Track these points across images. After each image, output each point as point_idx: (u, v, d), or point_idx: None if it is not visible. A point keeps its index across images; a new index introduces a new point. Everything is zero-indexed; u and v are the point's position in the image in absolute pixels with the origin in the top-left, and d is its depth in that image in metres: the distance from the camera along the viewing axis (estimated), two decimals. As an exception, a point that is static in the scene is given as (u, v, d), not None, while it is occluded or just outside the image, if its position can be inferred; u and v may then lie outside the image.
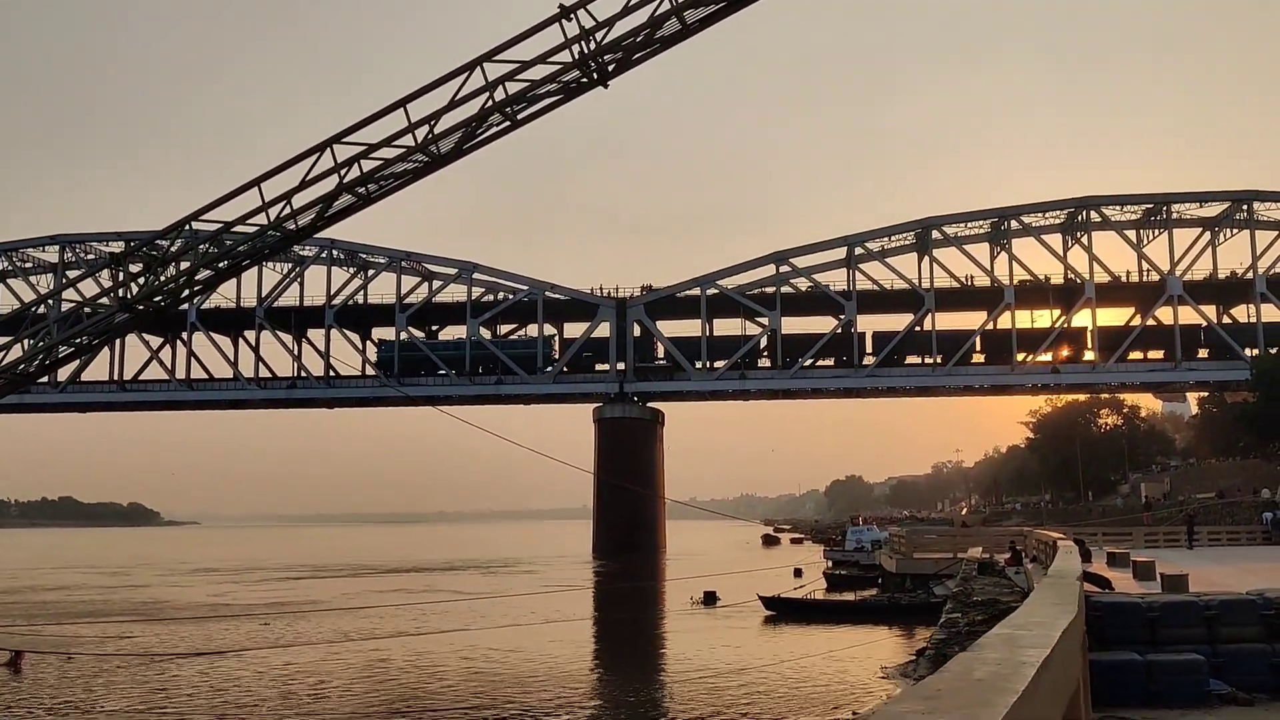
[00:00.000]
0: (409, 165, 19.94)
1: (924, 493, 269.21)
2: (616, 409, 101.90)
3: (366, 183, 19.86)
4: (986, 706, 2.01)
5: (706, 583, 50.43)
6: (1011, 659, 2.75)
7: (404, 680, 28.55)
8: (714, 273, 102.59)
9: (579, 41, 18.59)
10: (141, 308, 20.04)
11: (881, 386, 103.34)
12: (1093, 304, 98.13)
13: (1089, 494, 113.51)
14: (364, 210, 20.49)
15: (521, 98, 19.40)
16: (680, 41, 18.79)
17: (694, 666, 31.04)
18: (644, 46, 18.61)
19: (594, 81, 18.99)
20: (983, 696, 2.12)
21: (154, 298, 19.91)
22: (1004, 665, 2.62)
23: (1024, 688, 2.33)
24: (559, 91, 19.46)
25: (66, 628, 39.17)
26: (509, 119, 19.77)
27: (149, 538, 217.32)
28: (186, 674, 29.38)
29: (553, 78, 19.24)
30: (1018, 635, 3.55)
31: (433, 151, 19.62)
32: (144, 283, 20.01)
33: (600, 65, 18.79)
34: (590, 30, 18.56)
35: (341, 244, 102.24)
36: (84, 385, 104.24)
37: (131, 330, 27.93)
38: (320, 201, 19.85)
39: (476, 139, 19.89)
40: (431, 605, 49.53)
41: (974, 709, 1.97)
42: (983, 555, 40.21)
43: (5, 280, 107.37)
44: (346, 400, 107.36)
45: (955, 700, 2.05)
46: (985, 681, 2.33)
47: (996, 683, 2.31)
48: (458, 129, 19.73)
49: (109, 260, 21.42)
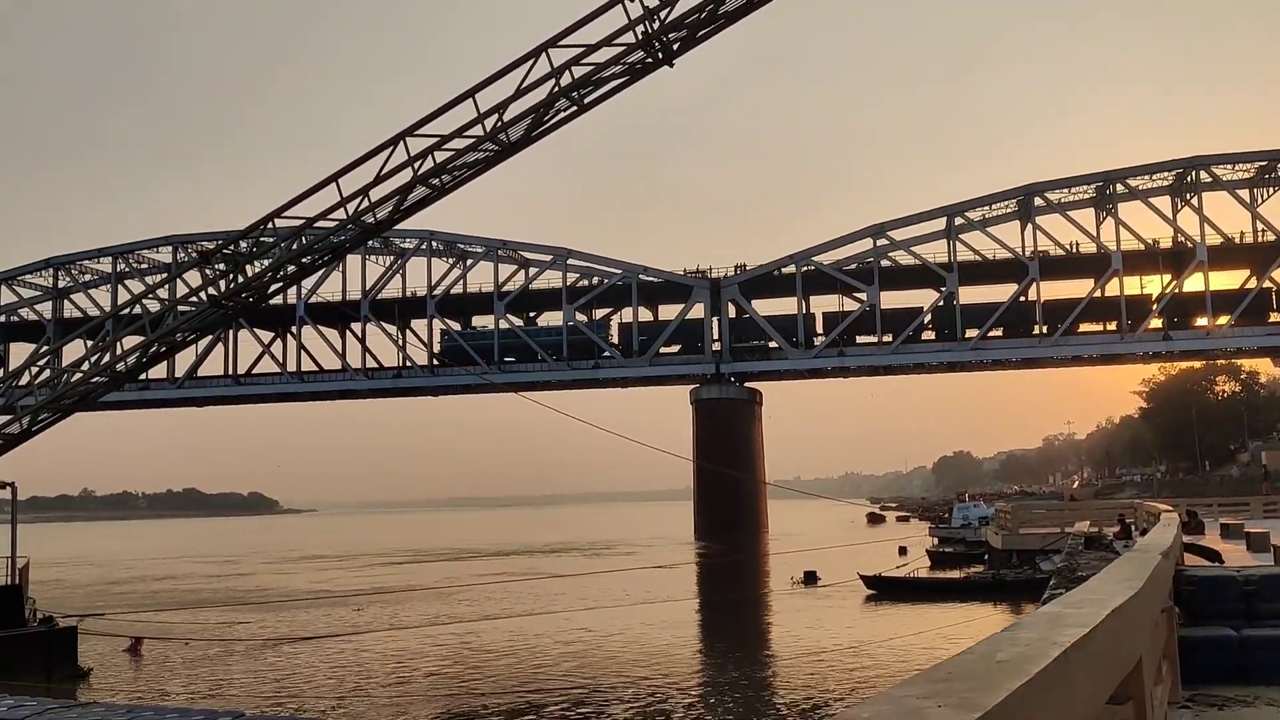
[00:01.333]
0: (480, 154, 20.19)
1: (1034, 467, 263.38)
2: (713, 390, 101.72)
3: (440, 174, 20.18)
4: (990, 690, 1.93)
5: (808, 561, 50.15)
6: (1044, 639, 2.65)
7: (502, 662, 29.01)
8: (809, 249, 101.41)
9: (642, 22, 18.55)
10: (231, 303, 20.74)
11: (986, 360, 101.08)
12: (1205, 267, 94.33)
13: (1206, 464, 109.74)
14: (442, 200, 20.87)
15: (587, 81, 19.45)
16: (744, 16, 18.62)
17: (793, 646, 30.97)
18: (708, 23, 18.50)
19: (659, 61, 18.94)
20: (993, 680, 2.04)
21: (242, 294, 20.59)
22: (1032, 646, 2.51)
23: (1038, 670, 2.20)
24: (624, 73, 19.45)
25: (170, 615, 40.56)
26: (576, 103, 19.85)
27: (265, 526, 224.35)
28: (295, 657, 30.35)
29: (617, 59, 19.24)
30: (1064, 614, 3.44)
31: (502, 140, 19.82)
32: (231, 280, 20.71)
33: (665, 44, 18.72)
34: (653, 10, 18.50)
35: (441, 235, 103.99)
36: (201, 380, 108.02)
37: (225, 325, 28.92)
38: (396, 194, 20.22)
39: (545, 125, 20.03)
40: (531, 587, 50.22)
41: (976, 693, 1.89)
42: (1090, 529, 39.18)
43: (123, 281, 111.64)
44: (450, 388, 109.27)
45: (963, 684, 1.97)
46: (1005, 663, 2.23)
47: (1016, 664, 2.21)
48: (526, 116, 19.89)
49: (200, 259, 22.27)
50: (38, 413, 22.45)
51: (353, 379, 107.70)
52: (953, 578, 46.95)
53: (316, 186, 20.83)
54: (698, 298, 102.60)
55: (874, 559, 51.08)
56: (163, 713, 19.62)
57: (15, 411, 22.78)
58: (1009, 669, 2.14)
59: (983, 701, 1.83)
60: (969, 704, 1.82)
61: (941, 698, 1.87)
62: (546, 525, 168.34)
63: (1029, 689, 2.06)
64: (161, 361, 27.42)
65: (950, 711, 1.78)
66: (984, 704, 1.82)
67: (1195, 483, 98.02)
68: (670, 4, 18.57)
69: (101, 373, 22.45)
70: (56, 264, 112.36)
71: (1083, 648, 2.75)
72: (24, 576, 28.08)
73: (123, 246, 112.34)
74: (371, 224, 21.00)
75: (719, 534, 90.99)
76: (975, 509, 76.63)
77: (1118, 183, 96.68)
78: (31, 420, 22.55)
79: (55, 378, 23.21)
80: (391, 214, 20.84)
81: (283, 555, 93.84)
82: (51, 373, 23.67)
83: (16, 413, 22.83)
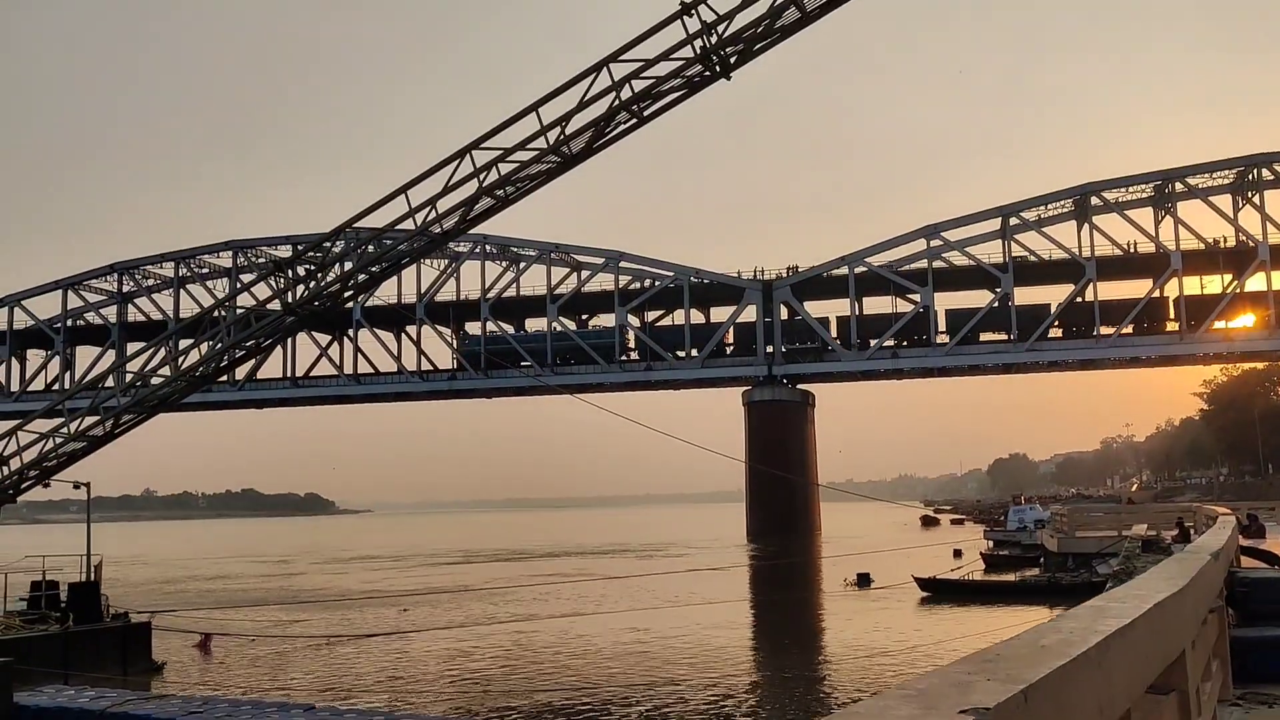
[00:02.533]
0: (543, 166, 20.70)
1: (1092, 469, 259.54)
2: (766, 392, 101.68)
3: (504, 185, 20.73)
4: (1032, 669, 2.11)
5: (862, 564, 50.13)
6: (1086, 628, 2.82)
7: (554, 660, 29.43)
8: (862, 250, 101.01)
9: (700, 36, 18.95)
10: (305, 311, 21.46)
11: (1043, 361, 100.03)
12: (1267, 267, 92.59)
13: (1269, 467, 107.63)
14: (504, 211, 21.41)
15: (647, 95, 19.90)
16: (801, 29, 18.97)
17: (848, 646, 31.12)
18: (764, 36, 18.85)
19: (717, 74, 19.34)
20: (1036, 660, 2.21)
21: (315, 301, 21.30)
22: (1074, 634, 2.69)
23: (1078, 653, 2.39)
24: (683, 86, 19.87)
25: (224, 612, 41.27)
26: (636, 116, 20.30)
27: (321, 527, 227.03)
28: (354, 655, 31.08)
29: (676, 73, 19.67)
30: (1108, 607, 3.58)
31: (564, 152, 20.32)
32: (306, 288, 21.43)
33: (723, 58, 19.11)
34: (711, 24, 18.91)
35: (494, 239, 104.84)
36: (260, 383, 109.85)
37: (298, 331, 29.74)
38: (462, 205, 20.78)
39: (605, 137, 20.50)
40: (583, 589, 50.59)
41: (1020, 670, 2.08)
42: (1148, 533, 38.88)
43: (185, 286, 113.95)
44: (504, 390, 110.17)
45: (1008, 664, 2.15)
46: (1048, 648, 2.40)
47: (1058, 649, 2.38)
48: (587, 129, 20.38)
49: (273, 268, 22.98)
50: (121, 415, 23.34)
51: (408, 381, 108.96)
52: (1008, 580, 46.75)
53: (387, 198, 21.48)
54: (750, 299, 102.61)
55: (928, 562, 50.93)
56: (237, 705, 20.33)
57: (101, 413, 23.66)
58: (1051, 652, 2.39)
59: (1026, 677, 2.05)
60: (1013, 679, 2.06)
61: (989, 673, 2.14)
62: (599, 526, 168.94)
63: (1069, 669, 2.33)
64: (240, 365, 28.32)
65: (996, 685, 2.04)
66: (1027, 678, 2.05)
67: (1258, 486, 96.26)
68: (727, 19, 18.97)
69: (183, 376, 23.31)
70: (121, 269, 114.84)
71: (1123, 637, 2.99)
72: (98, 573, 29.12)
73: (185, 252, 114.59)
74: (439, 234, 21.63)
75: (772, 536, 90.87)
76: (1031, 512, 75.90)
77: (1177, 181, 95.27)
78: (115, 423, 23.46)
79: (137, 381, 24.09)
80: (458, 224, 21.47)
81: (335, 555, 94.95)
82: (132, 376, 24.56)
83: (102, 414, 23.72)
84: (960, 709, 1.78)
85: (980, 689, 1.97)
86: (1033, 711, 2.02)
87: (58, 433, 24.33)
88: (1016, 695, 1.95)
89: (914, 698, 1.90)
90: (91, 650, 26.11)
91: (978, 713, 1.78)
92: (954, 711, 1.77)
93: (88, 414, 23.84)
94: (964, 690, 1.93)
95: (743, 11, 18.65)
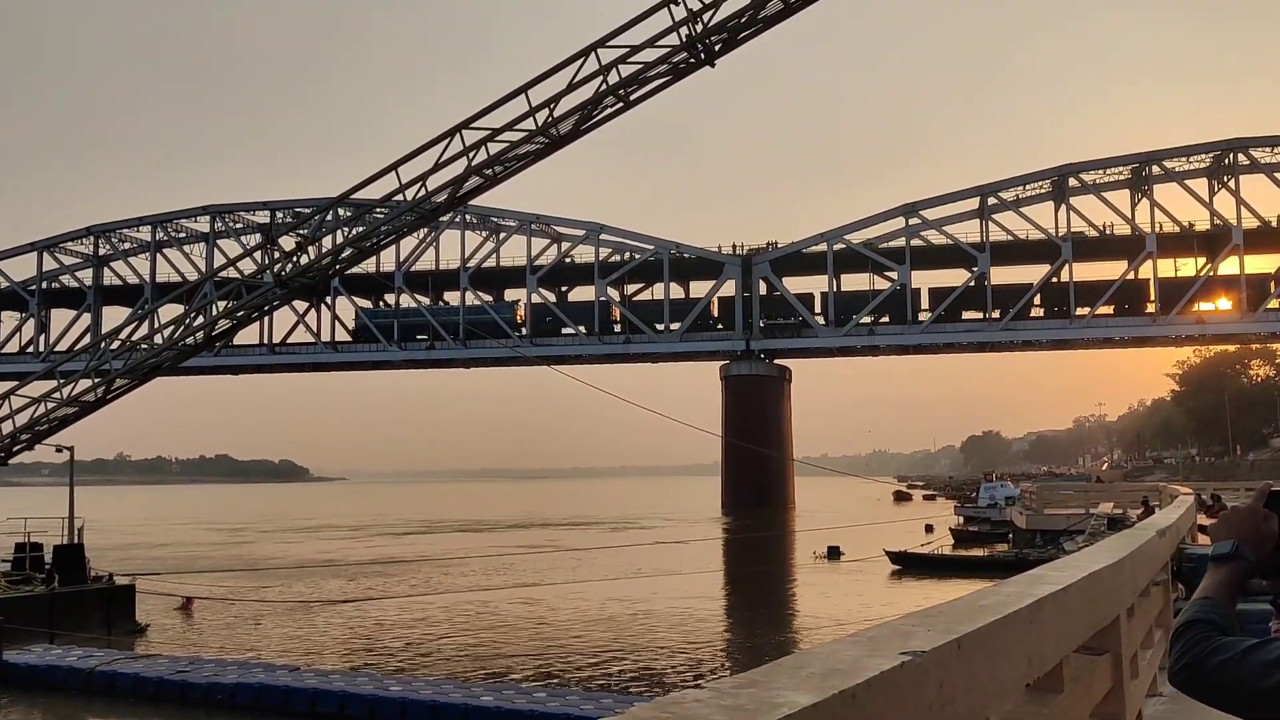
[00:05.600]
0: (531, 147, 21.07)
1: (1064, 448, 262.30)
2: (743, 366, 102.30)
3: (493, 164, 21.10)
4: (968, 622, 2.35)
5: (834, 538, 50.83)
6: (1022, 592, 3.04)
7: (516, 629, 29.74)
8: (841, 227, 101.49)
9: (686, 24, 19.33)
10: (297, 283, 21.78)
11: (1016, 340, 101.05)
12: (1240, 250, 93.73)
13: (1238, 448, 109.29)
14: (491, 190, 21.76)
15: (633, 80, 20.30)
16: (784, 20, 19.39)
17: (816, 615, 31.78)
18: (748, 26, 19.27)
19: (701, 62, 19.78)
20: (973, 616, 2.44)
21: (306, 274, 21.63)
22: (1011, 596, 2.90)
23: (1012, 611, 2.66)
24: (668, 73, 20.28)
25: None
26: (622, 100, 20.69)
27: (290, 494, 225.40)
28: (328, 619, 31.54)
29: (662, 60, 20.08)
30: (1046, 574, 3.78)
31: (552, 134, 20.70)
32: (294, 261, 21.75)
33: (708, 46, 19.52)
34: (697, 13, 19.32)
35: (474, 209, 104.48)
36: (236, 349, 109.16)
37: (286, 303, 29.97)
38: (452, 184, 21.15)
39: (593, 120, 20.89)
40: (548, 560, 50.72)
41: (957, 624, 2.32)
42: (1115, 511, 39.73)
43: (161, 250, 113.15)
44: (483, 360, 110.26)
45: (948, 620, 2.37)
46: (986, 606, 2.62)
47: (994, 607, 2.60)
48: (575, 112, 20.76)
49: (265, 241, 23.20)
50: (114, 380, 23.61)
51: (386, 350, 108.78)
52: (977, 555, 47.61)
53: (378, 174, 21.81)
54: (729, 274, 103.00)
55: (900, 536, 51.73)
56: (223, 664, 20.85)
57: (95, 378, 23.88)
58: (988, 610, 2.69)
59: (961, 629, 2.34)
60: (950, 630, 2.35)
61: (929, 626, 2.51)
62: (573, 498, 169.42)
63: (1000, 623, 2.69)
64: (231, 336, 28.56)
65: (934, 634, 2.35)
66: (962, 630, 2.33)
67: (1226, 466, 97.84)
68: (713, 8, 19.36)
69: (174, 344, 23.58)
70: (97, 232, 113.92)
71: (1055, 600, 3.37)
72: (80, 536, 29.48)
73: (162, 216, 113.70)
74: (429, 210, 21.95)
75: (745, 509, 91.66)
76: (1002, 489, 76.90)
77: (1154, 164, 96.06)
78: (108, 388, 23.73)
79: (128, 347, 24.32)
80: (448, 200, 21.80)
81: (294, 524, 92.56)
82: (120, 342, 24.78)
83: (95, 379, 23.94)
84: (901, 651, 2.14)
85: (920, 637, 2.25)
86: (965, 656, 2.29)
87: (49, 397, 24.60)
88: (951, 643, 2.24)
89: (863, 643, 2.25)
90: (77, 611, 26.51)
91: (915, 654, 2.11)
92: (895, 653, 2.12)
93: (82, 377, 24.10)
94: (906, 637, 2.22)
95: (728, 1, 19.12)
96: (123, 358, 23.87)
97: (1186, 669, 2.03)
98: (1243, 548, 2.18)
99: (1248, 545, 2.18)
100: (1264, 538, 2.19)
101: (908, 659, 2.04)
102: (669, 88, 20.83)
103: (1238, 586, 2.19)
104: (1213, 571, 2.22)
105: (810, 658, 2.18)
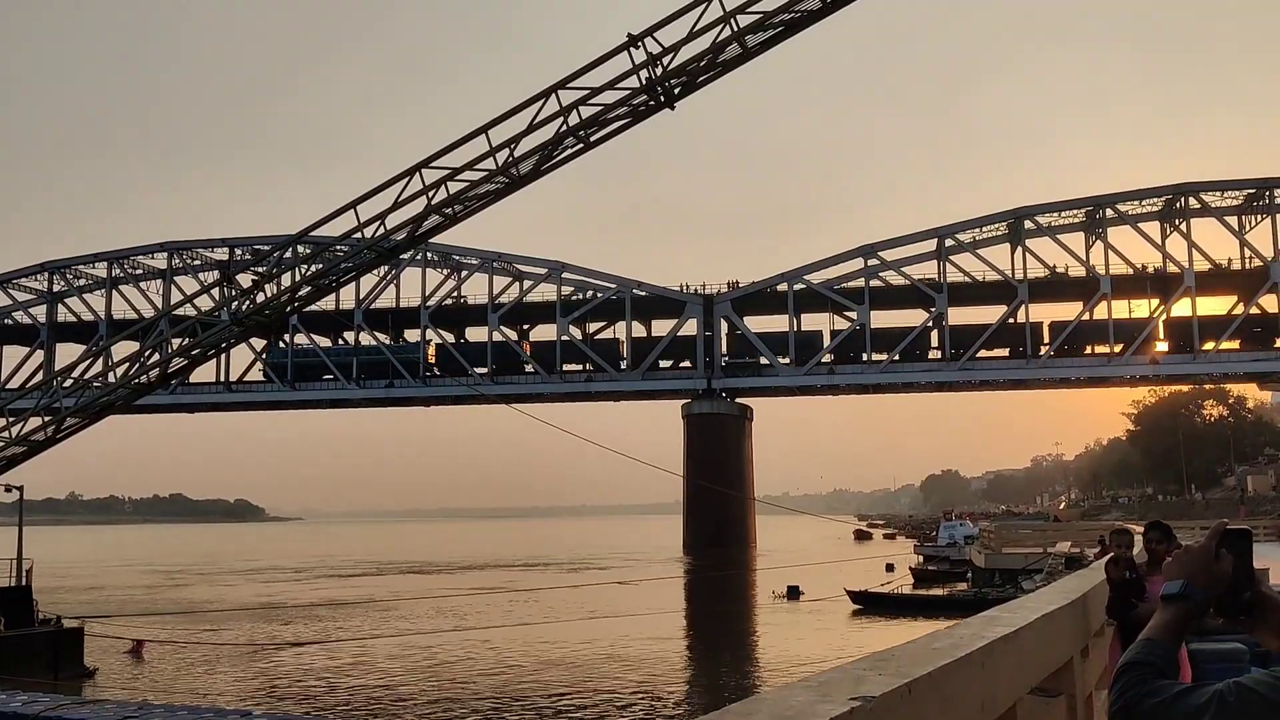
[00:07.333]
0: (491, 186, 21.14)
1: (1022, 487, 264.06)
2: (705, 405, 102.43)
3: (453, 203, 21.13)
4: (921, 666, 2.36)
5: (795, 577, 50.70)
6: (975, 634, 3.09)
7: (468, 672, 29.24)
8: (801, 267, 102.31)
9: (646, 67, 19.56)
10: (253, 322, 21.60)
11: (974, 380, 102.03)
12: (1193, 293, 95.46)
13: (1192, 487, 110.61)
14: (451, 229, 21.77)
15: (594, 121, 20.45)
16: (742, 64, 19.70)
17: (775, 656, 31.65)
18: (707, 70, 19.53)
19: (661, 104, 19.99)
20: (926, 659, 2.46)
21: (262, 312, 21.45)
22: (963, 639, 2.95)
23: (964, 654, 2.65)
24: (628, 115, 20.48)
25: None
26: (582, 141, 20.84)
27: (241, 534, 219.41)
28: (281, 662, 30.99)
29: (622, 102, 20.28)
30: (1000, 616, 3.83)
31: (512, 174, 20.79)
32: (251, 300, 21.56)
33: (667, 89, 19.75)
34: (657, 56, 19.54)
35: (435, 246, 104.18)
36: (192, 386, 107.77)
37: (242, 341, 29.68)
38: (411, 222, 21.14)
39: (553, 160, 21.00)
40: (500, 600, 49.69)
41: (910, 668, 2.32)
42: (1072, 550, 40.06)
43: (117, 286, 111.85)
44: (442, 399, 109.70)
45: (900, 663, 2.39)
46: (939, 649, 2.64)
47: (947, 650, 2.63)
48: (535, 152, 20.88)
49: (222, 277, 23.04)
50: (64, 419, 23.23)
51: (344, 388, 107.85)
52: (936, 595, 47.71)
53: (336, 212, 21.76)
54: (691, 313, 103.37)
55: (861, 575, 51.72)
56: (173, 710, 20.26)
57: (53, 414, 23.43)
58: (941, 653, 2.68)
59: (913, 673, 2.36)
60: (902, 674, 2.35)
61: (881, 670, 2.49)
62: (532, 537, 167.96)
63: (952, 667, 2.66)
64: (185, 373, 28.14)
65: (886, 679, 2.33)
66: (914, 674, 2.35)
67: (1181, 505, 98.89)
68: (672, 52, 19.61)
69: (127, 382, 23.25)
70: (52, 268, 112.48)
71: (1007, 642, 3.36)
72: (29, 578, 28.78)
73: (118, 252, 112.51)
74: (387, 249, 21.91)
75: (707, 549, 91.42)
76: (961, 528, 77.21)
77: (1108, 207, 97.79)
78: (58, 427, 23.33)
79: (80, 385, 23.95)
80: (407, 239, 21.77)
81: (236, 566, 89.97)
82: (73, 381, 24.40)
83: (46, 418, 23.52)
84: (850, 696, 2.08)
85: (871, 681, 2.27)
86: (916, 701, 2.31)
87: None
88: (902, 687, 2.25)
89: (814, 688, 2.22)
90: (23, 655, 25.85)
91: (866, 699, 2.08)
92: (845, 699, 2.08)
93: (32, 415, 23.67)
94: (858, 682, 2.24)
95: (687, 45, 19.35)
96: (75, 395, 23.54)
97: (1123, 711, 2.03)
98: (1190, 587, 2.18)
99: (1196, 585, 2.17)
100: (1216, 578, 2.18)
101: (857, 704, 2.05)
102: (629, 129, 21.05)
103: (1184, 627, 2.19)
104: (1161, 611, 2.22)
105: (759, 704, 2.15)
